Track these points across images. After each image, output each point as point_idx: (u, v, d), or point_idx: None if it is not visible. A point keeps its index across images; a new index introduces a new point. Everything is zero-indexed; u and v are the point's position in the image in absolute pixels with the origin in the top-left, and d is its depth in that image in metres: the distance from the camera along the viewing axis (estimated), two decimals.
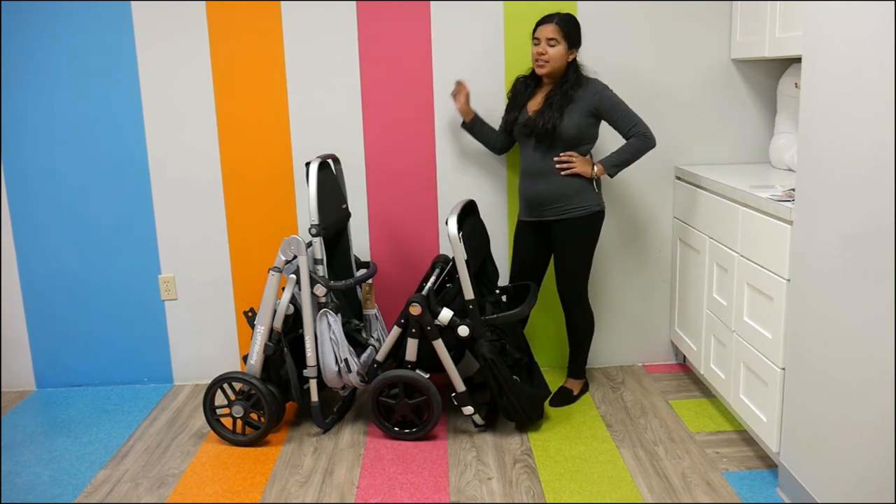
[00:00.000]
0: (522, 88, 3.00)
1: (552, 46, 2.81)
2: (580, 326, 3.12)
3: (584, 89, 2.85)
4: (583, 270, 3.02)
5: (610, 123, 2.88)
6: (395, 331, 2.81)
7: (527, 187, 2.98)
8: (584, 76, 2.90)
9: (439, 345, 2.76)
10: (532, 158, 2.94)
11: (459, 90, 3.07)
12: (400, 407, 2.82)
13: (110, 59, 3.17)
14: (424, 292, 2.77)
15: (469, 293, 2.73)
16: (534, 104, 2.94)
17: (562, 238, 2.96)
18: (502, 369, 2.76)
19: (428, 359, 2.84)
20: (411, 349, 2.80)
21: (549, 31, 2.80)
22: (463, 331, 2.75)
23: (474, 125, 3.11)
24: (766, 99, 3.29)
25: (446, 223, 2.71)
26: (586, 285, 3.07)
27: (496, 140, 3.13)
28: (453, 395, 2.83)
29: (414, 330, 2.77)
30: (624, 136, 2.88)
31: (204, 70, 3.20)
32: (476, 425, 2.92)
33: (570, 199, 2.90)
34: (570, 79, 2.86)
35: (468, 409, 2.85)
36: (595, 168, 2.89)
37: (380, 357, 2.87)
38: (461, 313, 2.77)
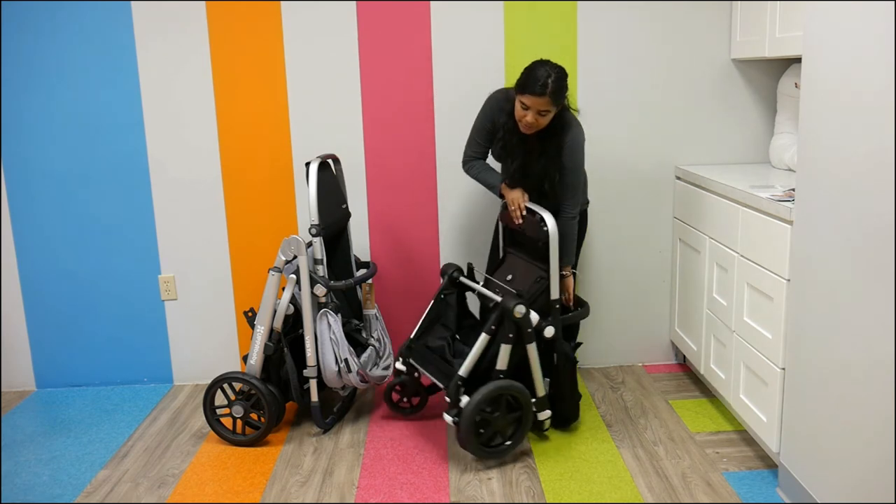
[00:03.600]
0: (509, 136, 2.71)
1: (543, 116, 2.58)
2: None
3: (563, 135, 2.66)
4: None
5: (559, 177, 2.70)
6: (484, 339, 2.60)
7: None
8: (567, 120, 2.69)
9: (532, 349, 2.62)
10: (514, 176, 2.79)
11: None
12: (498, 422, 2.62)
13: (110, 59, 3.17)
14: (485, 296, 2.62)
15: (556, 292, 2.64)
16: (529, 153, 2.73)
17: None
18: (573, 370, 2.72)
19: (487, 368, 2.67)
20: (503, 356, 2.59)
21: (542, 104, 2.54)
22: (549, 332, 2.61)
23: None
24: (766, 99, 3.29)
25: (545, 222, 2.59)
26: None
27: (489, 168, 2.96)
28: (532, 399, 2.68)
29: (511, 335, 2.57)
30: (554, 199, 2.73)
31: (204, 70, 3.20)
32: (542, 430, 2.79)
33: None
34: (556, 127, 2.66)
35: (545, 414, 2.73)
36: (569, 275, 2.78)
37: (463, 372, 2.61)
38: (542, 314, 2.65)
